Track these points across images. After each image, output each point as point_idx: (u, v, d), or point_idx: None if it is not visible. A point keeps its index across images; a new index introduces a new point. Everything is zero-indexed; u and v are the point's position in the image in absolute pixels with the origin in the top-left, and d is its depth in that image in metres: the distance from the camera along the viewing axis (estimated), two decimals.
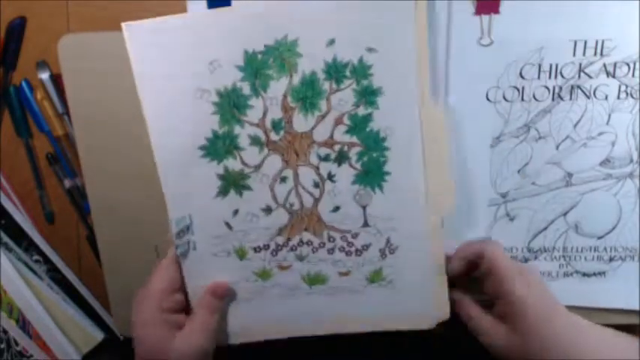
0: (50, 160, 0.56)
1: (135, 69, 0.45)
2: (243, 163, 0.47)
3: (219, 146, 0.47)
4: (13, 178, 0.57)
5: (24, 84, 0.54)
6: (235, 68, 0.46)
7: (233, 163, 0.47)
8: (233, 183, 0.48)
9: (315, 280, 0.49)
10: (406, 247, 0.48)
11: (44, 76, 0.53)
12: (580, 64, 0.46)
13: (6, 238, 0.54)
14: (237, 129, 0.47)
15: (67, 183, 0.56)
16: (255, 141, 0.47)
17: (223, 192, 0.48)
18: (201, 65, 0.45)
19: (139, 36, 0.45)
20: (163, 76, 0.45)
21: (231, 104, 0.46)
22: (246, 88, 0.46)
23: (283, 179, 0.48)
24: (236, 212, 0.48)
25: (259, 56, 0.45)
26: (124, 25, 0.45)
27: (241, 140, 0.47)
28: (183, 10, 0.49)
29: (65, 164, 0.56)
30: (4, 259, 0.52)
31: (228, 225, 0.48)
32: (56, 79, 0.53)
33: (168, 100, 0.46)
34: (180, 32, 0.45)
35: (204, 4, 0.48)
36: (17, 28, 0.53)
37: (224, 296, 0.48)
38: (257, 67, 0.46)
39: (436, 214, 0.47)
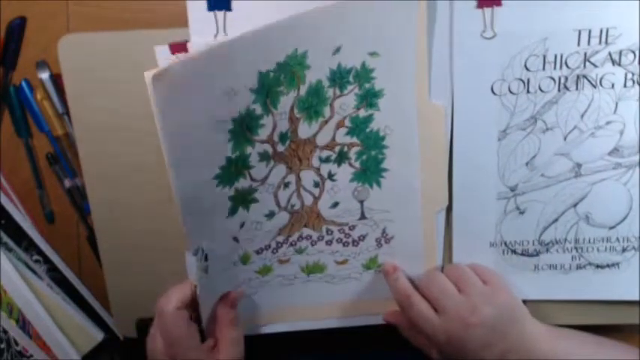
0: (50, 160, 0.57)
1: (156, 114, 0.41)
2: (252, 179, 0.47)
3: (231, 171, 0.46)
4: (13, 178, 0.58)
5: (24, 84, 0.55)
6: (249, 92, 0.44)
7: (243, 183, 0.47)
8: (242, 201, 0.48)
9: (313, 269, 0.52)
10: (401, 237, 0.51)
11: (44, 76, 0.55)
12: (585, 54, 0.47)
13: (6, 238, 0.55)
14: (248, 149, 0.46)
15: (67, 183, 0.57)
16: (263, 157, 0.47)
17: (232, 212, 0.48)
18: (219, 96, 0.43)
19: (163, 85, 0.40)
20: (182, 117, 0.42)
21: (244, 128, 0.45)
22: (258, 109, 0.45)
23: (286, 185, 0.49)
24: (242, 225, 0.49)
25: (271, 74, 0.45)
26: (148, 77, 0.40)
27: (251, 159, 0.47)
28: (183, 10, 0.50)
29: (65, 164, 0.57)
30: (4, 259, 0.53)
31: (235, 239, 0.49)
32: (56, 79, 0.55)
33: (187, 138, 0.43)
34: (197, 70, 0.42)
35: (204, 4, 0.50)
36: (17, 28, 0.55)
37: (237, 304, 0.49)
38: (269, 86, 0.45)
39: (430, 207, 0.50)
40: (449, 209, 0.51)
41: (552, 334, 0.48)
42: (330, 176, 0.50)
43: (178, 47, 0.50)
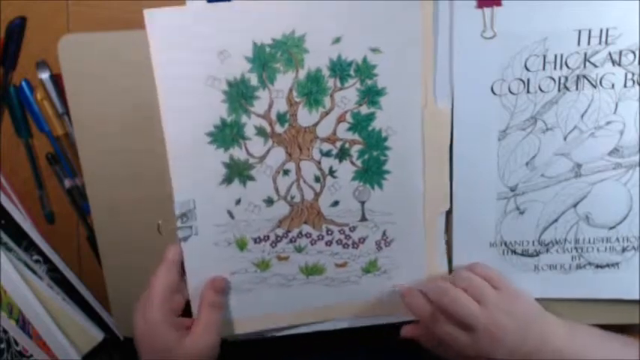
0: (50, 160, 0.58)
1: (153, 54, 0.48)
2: (249, 153, 0.50)
3: (226, 134, 0.50)
4: (13, 178, 0.58)
5: (24, 84, 0.56)
6: (244, 59, 0.48)
7: (239, 152, 0.50)
8: (238, 172, 0.50)
9: (312, 270, 0.52)
10: (402, 240, 0.51)
11: (44, 76, 0.55)
12: (585, 54, 0.47)
13: (6, 238, 0.55)
14: (244, 118, 0.49)
15: (67, 183, 0.57)
16: (260, 132, 0.50)
17: (228, 180, 0.50)
18: (212, 54, 0.48)
19: (158, 22, 0.47)
20: (178, 63, 0.48)
21: (239, 94, 0.49)
22: (253, 80, 0.49)
23: (286, 172, 0.50)
24: (238, 201, 0.51)
25: (267, 49, 0.48)
26: (145, 11, 0.48)
27: (247, 130, 0.50)
28: None
29: (65, 164, 0.57)
30: (4, 259, 0.53)
31: (230, 214, 0.51)
32: (56, 79, 0.55)
33: (182, 85, 0.49)
34: (194, 21, 0.48)
35: (204, 4, 0.50)
36: (17, 28, 0.55)
37: (223, 290, 0.51)
38: (265, 60, 0.48)
39: (432, 210, 0.50)
40: (449, 209, 0.51)
41: (571, 330, 0.48)
42: (331, 172, 0.50)
43: None
